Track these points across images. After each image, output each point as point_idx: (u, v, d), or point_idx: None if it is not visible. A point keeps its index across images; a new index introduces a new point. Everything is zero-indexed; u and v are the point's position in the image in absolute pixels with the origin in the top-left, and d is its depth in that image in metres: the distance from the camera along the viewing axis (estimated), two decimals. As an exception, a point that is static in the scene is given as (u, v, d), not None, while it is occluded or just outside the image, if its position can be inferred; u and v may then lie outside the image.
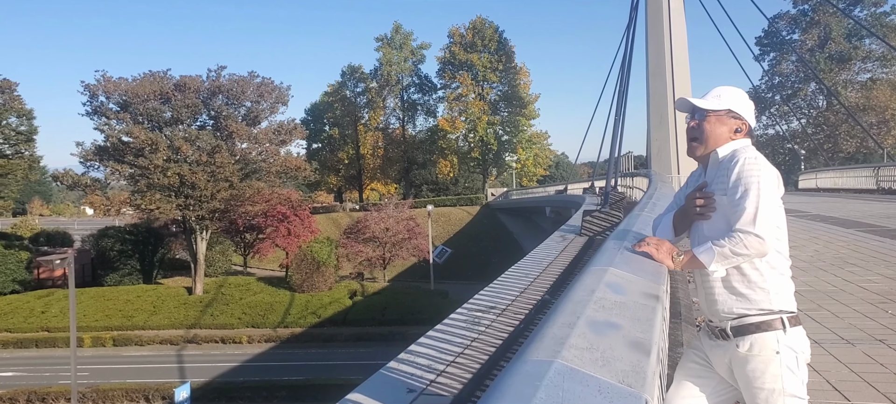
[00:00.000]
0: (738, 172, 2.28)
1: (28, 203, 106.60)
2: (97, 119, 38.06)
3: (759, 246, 2.19)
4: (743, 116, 2.49)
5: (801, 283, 7.28)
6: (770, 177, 2.27)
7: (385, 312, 35.20)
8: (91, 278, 44.56)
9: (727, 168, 2.36)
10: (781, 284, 2.35)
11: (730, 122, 2.46)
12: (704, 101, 2.51)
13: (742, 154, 2.35)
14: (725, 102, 2.48)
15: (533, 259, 8.72)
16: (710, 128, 2.47)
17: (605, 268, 1.98)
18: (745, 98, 2.53)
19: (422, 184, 75.57)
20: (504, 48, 65.32)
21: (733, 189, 2.27)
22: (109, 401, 22.89)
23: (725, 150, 2.45)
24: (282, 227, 43.65)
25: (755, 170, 2.26)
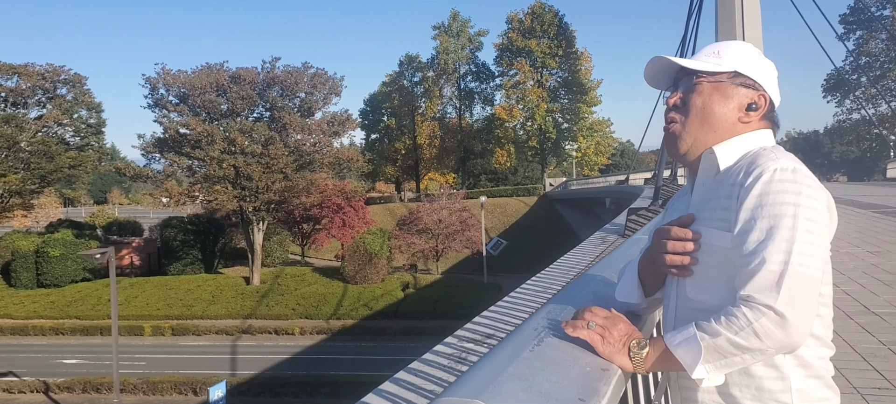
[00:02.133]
0: (759, 195, 1.27)
1: (108, 193, 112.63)
2: (157, 111, 39.11)
3: (783, 335, 1.19)
4: (759, 83, 1.45)
5: (884, 303, 5.96)
6: (816, 207, 1.24)
7: (436, 306, 34.57)
8: (157, 267, 46.03)
9: (736, 184, 1.33)
10: (814, 391, 1.33)
11: (737, 94, 1.43)
12: (693, 59, 1.49)
13: (766, 160, 1.31)
14: (728, 61, 1.45)
15: (560, 267, 7.71)
16: (703, 104, 1.44)
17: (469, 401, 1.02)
18: (760, 56, 1.48)
19: (479, 173, 74.63)
20: (564, 33, 63.27)
21: (747, 224, 1.27)
22: (159, 393, 23.20)
23: (732, 150, 1.42)
24: (337, 218, 43.83)
25: (790, 194, 1.24)
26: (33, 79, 41.84)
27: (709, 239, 1.38)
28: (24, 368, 27.44)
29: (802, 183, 1.26)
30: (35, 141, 42.03)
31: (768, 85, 1.46)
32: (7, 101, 42.00)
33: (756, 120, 1.45)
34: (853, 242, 9.56)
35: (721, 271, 1.35)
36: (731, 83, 1.44)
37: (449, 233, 42.95)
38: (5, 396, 24.42)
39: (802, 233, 1.22)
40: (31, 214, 56.27)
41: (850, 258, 8.29)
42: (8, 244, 41.78)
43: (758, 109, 1.44)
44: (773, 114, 1.48)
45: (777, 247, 1.22)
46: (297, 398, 22.97)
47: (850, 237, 10.10)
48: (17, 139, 40.67)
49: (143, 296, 37.94)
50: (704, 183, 1.47)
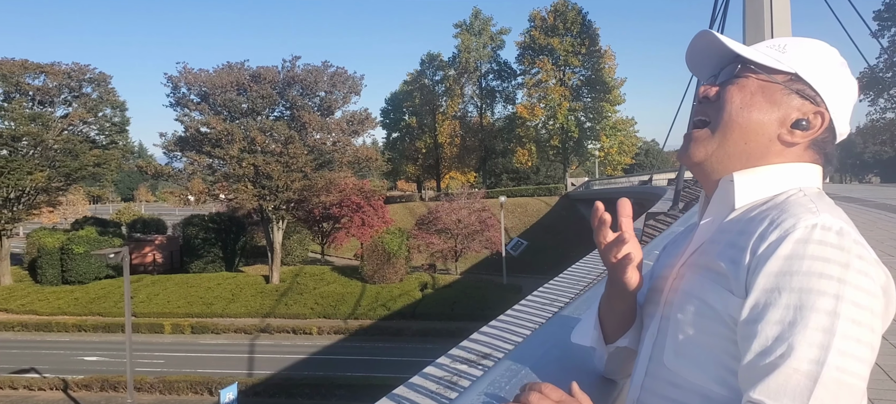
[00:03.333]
0: (787, 258, 0.88)
1: (135, 190, 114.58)
2: (179, 110, 39.38)
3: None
4: (821, 97, 1.04)
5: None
6: (868, 289, 0.86)
7: (454, 307, 34.24)
8: (179, 264, 46.44)
9: (755, 234, 0.93)
10: None
11: (790, 101, 1.03)
12: (748, 48, 1.07)
13: (802, 210, 0.93)
14: (791, 59, 1.05)
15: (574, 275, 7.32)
16: (739, 102, 1.05)
17: None
18: (841, 66, 1.07)
19: (501, 173, 74.12)
20: (587, 31, 62.47)
21: (766, 297, 0.88)
22: (174, 392, 23.24)
23: (760, 182, 1.03)
24: (356, 217, 43.76)
25: (834, 265, 0.85)
26: (59, 77, 42.45)
27: (704, 296, 0.98)
28: (46, 365, 27.76)
29: (852, 252, 0.87)
30: (61, 139, 42.67)
31: (835, 105, 1.05)
32: (34, 99, 42.69)
33: (803, 144, 1.05)
34: (887, 251, 8.98)
35: (714, 342, 0.96)
36: (785, 88, 1.05)
37: (468, 232, 42.60)
38: (26, 393, 24.70)
39: (846, 325, 0.83)
40: (58, 211, 57.29)
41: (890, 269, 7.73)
42: (34, 241, 42.52)
43: (808, 129, 1.04)
44: (828, 145, 1.06)
45: (808, 340, 0.83)
46: (311, 400, 22.83)
47: (884, 245, 9.51)
48: (43, 137, 41.32)
49: (164, 293, 38.24)
50: (715, 218, 1.06)
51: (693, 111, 1.13)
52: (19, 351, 30.48)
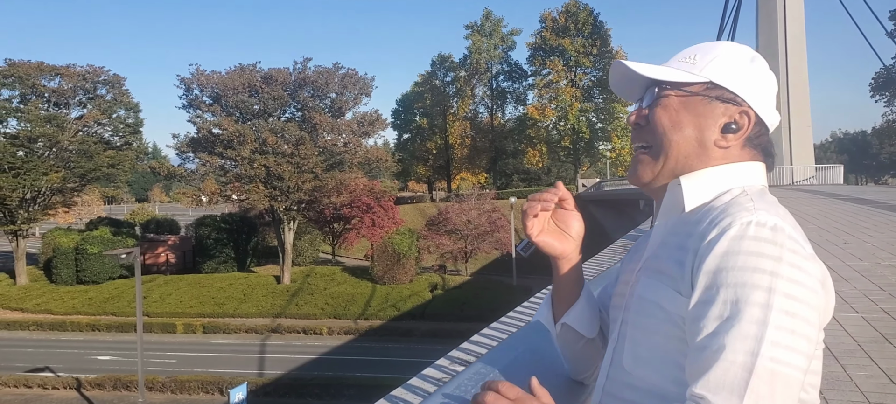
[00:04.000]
0: (723, 255, 0.92)
1: (150, 191, 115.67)
2: (191, 111, 39.76)
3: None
4: (741, 97, 1.08)
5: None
6: (802, 281, 0.89)
7: (464, 307, 34.28)
8: (192, 264, 46.83)
9: (697, 235, 0.98)
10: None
11: (712, 109, 1.08)
12: (657, 68, 1.12)
13: (739, 209, 0.97)
14: (703, 68, 1.09)
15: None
16: (668, 123, 1.09)
17: None
18: (750, 61, 1.11)
19: (511, 173, 74.05)
20: (599, 31, 62.29)
21: (706, 294, 0.91)
22: (185, 392, 23.46)
23: (705, 184, 1.07)
24: (366, 218, 43.93)
25: (767, 259, 0.89)
26: (74, 79, 43.01)
27: (656, 298, 1.02)
28: (60, 364, 28.11)
29: (785, 246, 0.90)
30: (75, 140, 43.21)
31: (757, 100, 1.09)
32: (50, 101, 43.27)
33: (738, 144, 1.09)
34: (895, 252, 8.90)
35: (668, 343, 0.99)
36: (705, 97, 1.09)
37: (478, 233, 42.63)
38: (40, 392, 25.04)
39: (779, 317, 0.86)
40: (73, 211, 57.93)
41: (893, 271, 7.68)
42: (50, 241, 43.06)
43: (738, 130, 1.08)
44: (762, 139, 1.11)
45: (743, 333, 0.86)
46: (321, 400, 22.96)
47: (893, 247, 9.42)
48: (58, 138, 41.85)
49: (176, 293, 38.58)
50: (665, 223, 1.11)
51: (632, 136, 1.16)
52: (34, 350, 30.89)
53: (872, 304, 5.88)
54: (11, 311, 37.64)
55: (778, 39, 34.93)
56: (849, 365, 4.28)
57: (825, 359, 4.05)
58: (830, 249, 9.06)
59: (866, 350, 4.66)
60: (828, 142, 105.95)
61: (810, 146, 37.55)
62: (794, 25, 35.22)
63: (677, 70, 1.10)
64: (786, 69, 34.51)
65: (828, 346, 4.67)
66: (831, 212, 14.66)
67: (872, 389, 3.90)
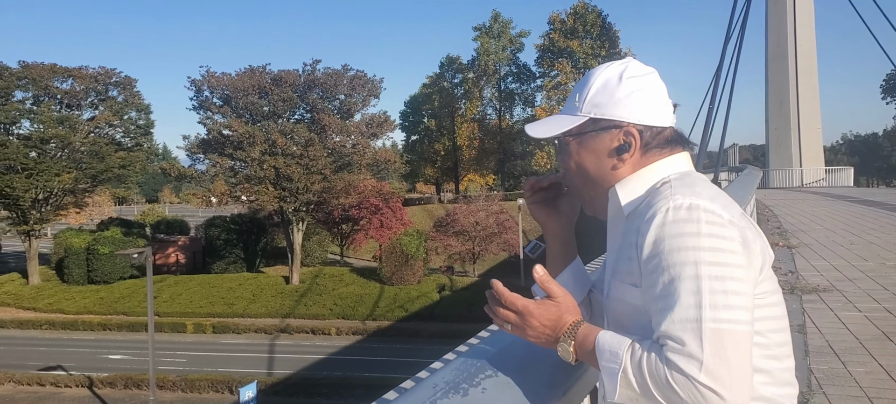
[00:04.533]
0: (654, 243, 1.05)
1: (160, 192, 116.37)
2: (202, 113, 40.07)
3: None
4: (620, 119, 1.20)
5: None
6: (721, 247, 1.01)
7: (472, 308, 34.31)
8: (201, 265, 47.16)
9: (636, 229, 1.11)
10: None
11: (601, 141, 1.21)
12: (546, 122, 1.28)
13: (661, 198, 1.09)
14: (582, 107, 1.23)
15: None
16: (574, 166, 1.26)
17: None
18: (621, 78, 1.21)
19: (519, 175, 74.00)
20: (607, 33, 62.29)
21: (650, 279, 1.05)
22: (196, 391, 23.69)
23: (635, 186, 1.20)
24: (375, 219, 44.08)
25: (688, 236, 1.02)
26: (87, 81, 43.46)
27: (621, 296, 1.17)
28: (72, 362, 28.44)
29: (701, 221, 1.02)
30: (87, 141, 43.65)
31: (636, 114, 1.20)
32: (62, 102, 43.75)
33: (636, 158, 1.20)
34: (903, 254, 8.92)
35: (641, 331, 1.11)
36: (591, 133, 1.22)
37: (486, 235, 42.69)
38: (53, 390, 25.35)
39: (709, 282, 0.99)
40: (84, 212, 58.48)
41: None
42: (61, 241, 43.52)
43: (631, 148, 1.19)
44: (665, 137, 1.21)
45: (685, 303, 0.99)
46: (329, 399, 23.11)
47: (900, 248, 9.44)
48: (70, 139, 42.30)
49: (186, 293, 38.89)
50: (614, 227, 1.24)
51: (558, 157, 1.33)
52: (46, 349, 31.25)
53: (876, 304, 5.93)
54: (24, 310, 38.10)
55: (788, 42, 34.78)
56: (849, 362, 4.36)
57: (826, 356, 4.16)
58: (836, 250, 9.10)
59: (867, 347, 4.73)
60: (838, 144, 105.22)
61: (820, 148, 37.36)
62: (803, 28, 35.07)
63: (562, 118, 1.24)
64: (795, 71, 34.35)
65: (829, 343, 4.75)
66: (839, 214, 14.66)
67: (871, 385, 3.97)
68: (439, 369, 1.41)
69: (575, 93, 1.26)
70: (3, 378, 25.63)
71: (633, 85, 1.21)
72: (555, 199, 1.42)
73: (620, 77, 1.21)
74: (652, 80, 1.22)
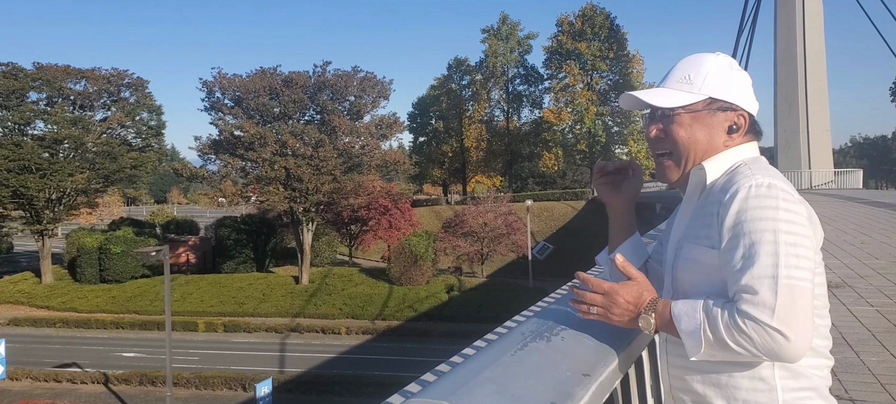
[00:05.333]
0: (736, 217, 1.27)
1: (168, 192, 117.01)
2: (213, 114, 40.45)
3: (781, 349, 1.19)
4: (736, 103, 1.43)
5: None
6: (795, 220, 1.25)
7: (481, 309, 34.54)
8: (212, 265, 47.54)
9: (716, 202, 1.34)
10: (802, 395, 1.32)
11: (717, 119, 1.43)
12: (665, 92, 1.45)
13: (741, 179, 1.32)
14: (703, 87, 1.43)
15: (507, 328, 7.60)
16: (686, 136, 1.44)
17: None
18: (732, 69, 1.46)
19: (527, 177, 74.16)
20: (615, 36, 62.37)
21: (731, 242, 1.27)
22: (209, 388, 24.00)
23: (717, 167, 1.42)
24: (383, 220, 44.36)
25: (768, 209, 1.25)
26: (99, 82, 43.93)
27: (696, 256, 1.38)
28: (86, 360, 28.80)
29: (779, 197, 1.26)
30: (100, 142, 44.12)
31: (745, 100, 1.45)
32: (75, 103, 44.23)
33: (740, 138, 1.45)
34: (913, 253, 9.10)
35: (709, 287, 1.35)
36: (708, 111, 1.43)
37: (494, 236, 42.87)
38: (69, 386, 25.70)
39: (785, 247, 1.22)
40: (95, 212, 58.99)
41: (908, 270, 7.90)
42: (74, 241, 43.97)
43: (739, 129, 1.44)
44: (755, 125, 1.47)
45: (764, 263, 1.21)
46: (341, 397, 23.36)
47: (910, 248, 9.61)
48: (83, 140, 42.76)
49: (197, 293, 39.25)
50: (692, 199, 1.47)
51: (651, 146, 1.54)
52: (61, 347, 31.64)
53: (887, 299, 6.14)
54: (38, 309, 38.53)
55: (797, 44, 34.86)
56: (863, 352, 4.57)
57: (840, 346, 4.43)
58: (847, 249, 9.29)
59: (880, 339, 4.94)
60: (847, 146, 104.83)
61: (829, 151, 37.38)
62: (812, 31, 35.16)
63: (681, 93, 1.45)
64: (804, 74, 34.43)
65: (842, 335, 4.96)
66: (849, 215, 14.81)
67: (883, 372, 4.19)
68: (522, 322, 1.67)
69: (683, 72, 1.45)
70: (21, 374, 26.01)
71: (741, 76, 1.46)
72: (619, 182, 1.67)
73: (730, 66, 1.45)
74: (747, 75, 1.47)
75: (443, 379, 1.17)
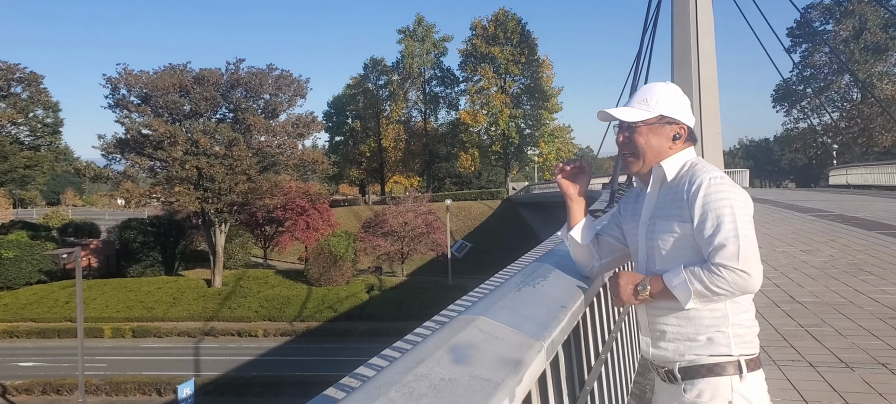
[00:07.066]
0: (703, 200, 1.89)
1: (62, 193, 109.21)
2: (119, 112, 38.56)
3: (746, 283, 1.81)
4: (679, 119, 2.05)
5: (807, 294, 6.76)
6: (741, 199, 1.88)
7: (401, 307, 34.98)
8: (115, 269, 45.25)
9: (684, 192, 1.95)
10: (743, 323, 1.93)
11: (665, 130, 2.03)
12: (630, 110, 2.06)
13: (701, 174, 1.94)
14: (655, 107, 2.04)
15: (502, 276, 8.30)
16: (644, 142, 2.05)
17: (474, 317, 1.58)
18: (677, 94, 2.08)
19: (444, 177, 75.23)
20: (527, 41, 64.51)
21: (702, 217, 1.88)
22: (122, 394, 23.09)
23: (672, 166, 2.04)
24: (300, 221, 43.83)
25: (725, 195, 1.88)
26: (-13, 76, 40.79)
27: (671, 227, 1.97)
28: (-21, 371, 26.86)
29: (729, 185, 1.90)
30: (-12, 140, 40.96)
31: (685, 117, 2.06)
32: (-42, 98, 40.86)
33: (681, 142, 2.07)
34: (789, 242, 10.49)
35: (681, 251, 1.96)
36: (659, 124, 2.04)
37: (414, 235, 43.39)
38: (-40, 400, 23.94)
39: (740, 216, 1.84)
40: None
41: (785, 256, 9.16)
42: (-41, 246, 40.53)
43: (680, 138, 2.05)
44: (691, 133, 2.10)
45: (729, 228, 1.82)
46: (263, 398, 23.16)
47: (787, 237, 11.03)
48: (-32, 138, 39.58)
49: (101, 298, 37.32)
50: (656, 188, 2.09)
51: (619, 147, 2.14)
52: (-53, 359, 29.30)
53: (767, 280, 7.19)
54: (-84, 320, 35.30)
55: (691, 52, 37.63)
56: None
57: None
58: (735, 239, 10.53)
59: (762, 312, 5.90)
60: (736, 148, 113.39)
61: (720, 152, 40.59)
62: (705, 39, 38.08)
63: (640, 111, 2.07)
64: (698, 80, 37.21)
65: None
66: (737, 211, 16.47)
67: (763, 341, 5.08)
68: (513, 274, 2.24)
69: (642, 96, 2.07)
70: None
71: (682, 99, 2.08)
72: (575, 176, 2.26)
73: (675, 92, 2.08)
74: (686, 98, 2.10)
75: (475, 305, 1.72)
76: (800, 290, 6.97)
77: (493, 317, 1.61)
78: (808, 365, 4.67)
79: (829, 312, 6.01)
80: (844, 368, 4.52)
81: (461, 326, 1.53)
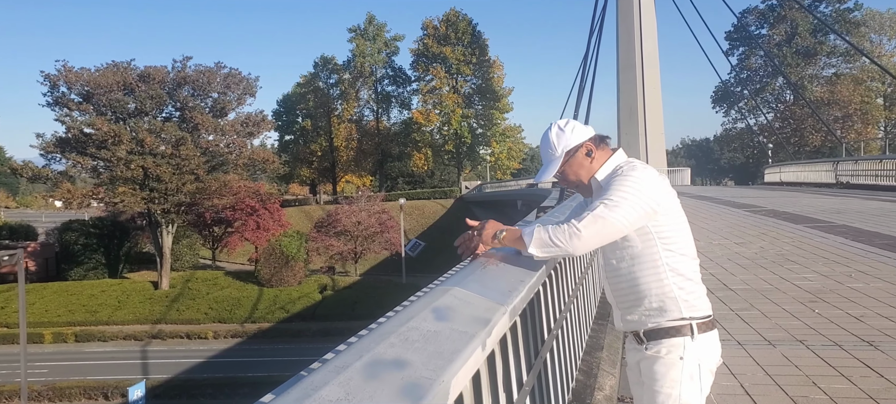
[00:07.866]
0: (609, 181, 2.26)
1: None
2: (58, 110, 37.18)
3: (572, 245, 2.16)
4: (579, 142, 2.40)
5: (738, 282, 7.34)
6: (637, 177, 2.20)
7: (355, 307, 35.01)
8: (55, 272, 43.62)
9: (608, 183, 2.32)
10: (687, 289, 2.27)
11: (577, 157, 2.39)
12: (549, 168, 2.44)
13: (613, 165, 2.35)
14: (559, 150, 2.40)
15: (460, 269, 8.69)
16: (572, 174, 2.42)
17: (450, 287, 1.90)
18: (566, 127, 2.43)
19: (397, 176, 75.23)
20: (477, 41, 65.25)
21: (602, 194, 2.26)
22: (66, 399, 22.43)
23: (604, 173, 2.39)
24: (250, 221, 43.23)
25: (622, 178, 2.23)
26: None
27: None
28: None
29: (633, 167, 2.27)
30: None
31: (582, 135, 2.40)
32: None
33: (598, 153, 2.42)
34: (724, 235, 11.20)
35: (625, 239, 2.30)
36: (570, 156, 2.40)
37: (368, 234, 43.36)
38: None
39: (617, 191, 2.18)
40: None
41: (720, 248, 9.82)
42: None
43: (593, 152, 2.39)
44: (598, 138, 2.43)
45: (597, 204, 2.19)
46: (215, 399, 22.88)
47: (723, 231, 11.76)
48: None
49: (41, 302, 36.00)
50: (597, 194, 2.44)
51: (559, 179, 2.49)
52: None
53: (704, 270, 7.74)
54: None
55: (635, 54, 38.94)
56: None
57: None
58: (676, 233, 11.18)
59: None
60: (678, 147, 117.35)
61: (663, 152, 42.12)
62: (648, 43, 39.48)
63: (555, 163, 2.42)
64: (642, 81, 38.57)
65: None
66: (678, 207, 17.31)
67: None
68: (480, 257, 2.56)
69: (546, 151, 2.44)
70: None
71: (570, 124, 2.45)
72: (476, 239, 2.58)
73: (564, 126, 2.44)
74: (574, 122, 2.46)
75: (450, 279, 2.04)
76: (732, 279, 7.56)
77: (465, 287, 1.93)
78: (736, 343, 5.17)
79: (757, 297, 6.58)
80: (767, 345, 5.04)
81: (440, 294, 1.84)
